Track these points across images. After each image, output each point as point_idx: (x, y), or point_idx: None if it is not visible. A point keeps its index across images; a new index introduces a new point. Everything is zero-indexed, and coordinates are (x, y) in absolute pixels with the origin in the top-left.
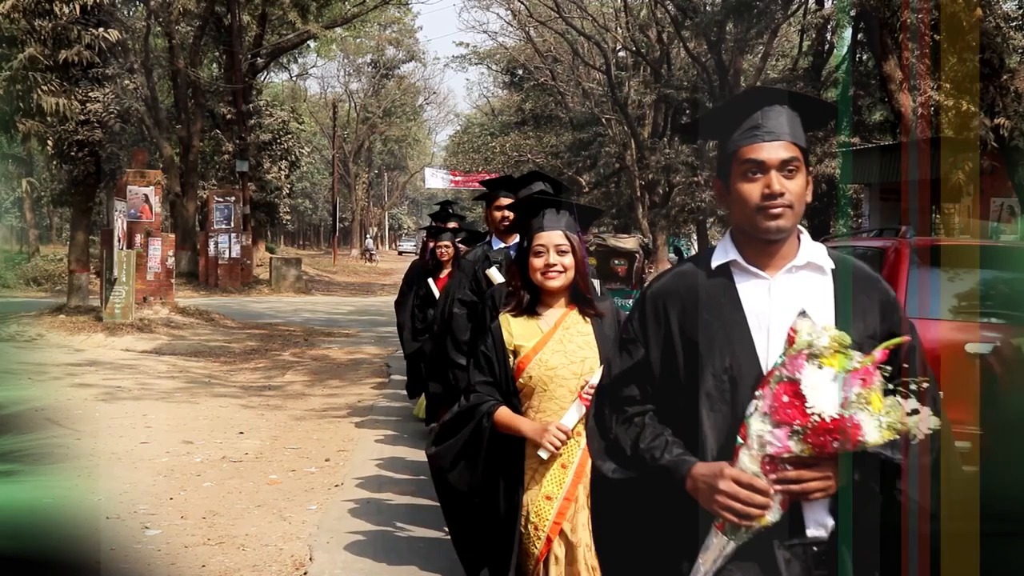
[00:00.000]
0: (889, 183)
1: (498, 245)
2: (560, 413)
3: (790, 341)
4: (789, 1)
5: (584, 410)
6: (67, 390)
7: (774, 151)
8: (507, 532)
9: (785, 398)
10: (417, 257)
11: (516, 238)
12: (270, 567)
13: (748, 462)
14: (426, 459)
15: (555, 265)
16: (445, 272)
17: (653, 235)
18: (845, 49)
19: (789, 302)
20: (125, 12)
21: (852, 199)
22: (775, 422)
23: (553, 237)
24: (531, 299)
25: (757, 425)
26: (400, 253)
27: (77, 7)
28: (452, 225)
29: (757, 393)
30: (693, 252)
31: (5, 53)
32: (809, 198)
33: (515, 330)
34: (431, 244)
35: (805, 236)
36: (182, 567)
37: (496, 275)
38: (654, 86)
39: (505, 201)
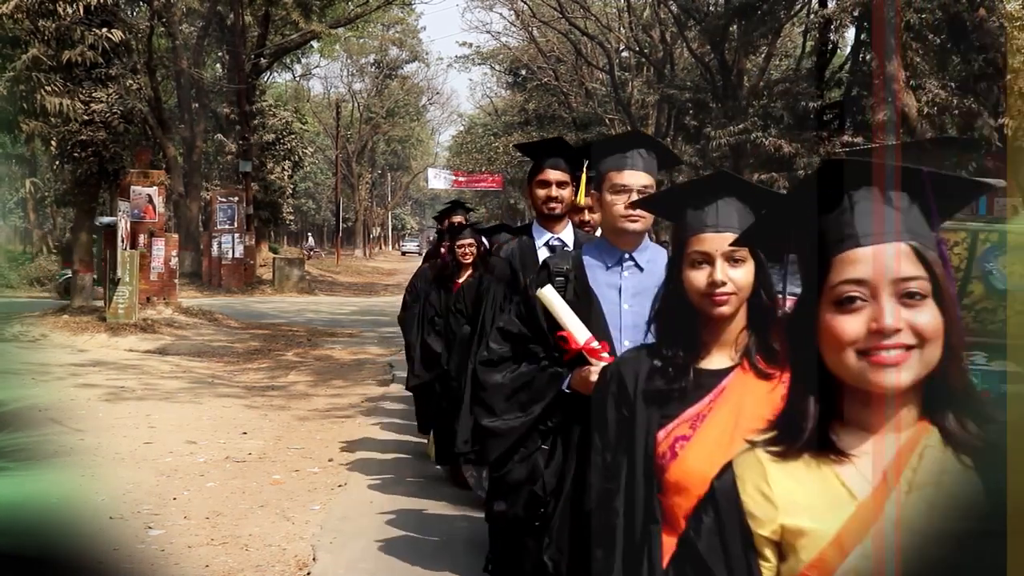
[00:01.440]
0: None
1: (543, 236)
2: None
3: None
4: (793, 1)
5: None
6: (71, 390)
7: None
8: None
9: None
10: (424, 261)
11: (567, 226)
12: (273, 567)
13: None
14: (427, 459)
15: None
16: (465, 275)
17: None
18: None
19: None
20: (128, 12)
21: None
22: None
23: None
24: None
25: None
26: (403, 253)
27: (80, 7)
28: (458, 219)
29: None
30: None
31: (9, 53)
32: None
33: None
34: (447, 243)
35: None
36: (185, 567)
37: (554, 299)
38: (657, 86)
39: (554, 176)
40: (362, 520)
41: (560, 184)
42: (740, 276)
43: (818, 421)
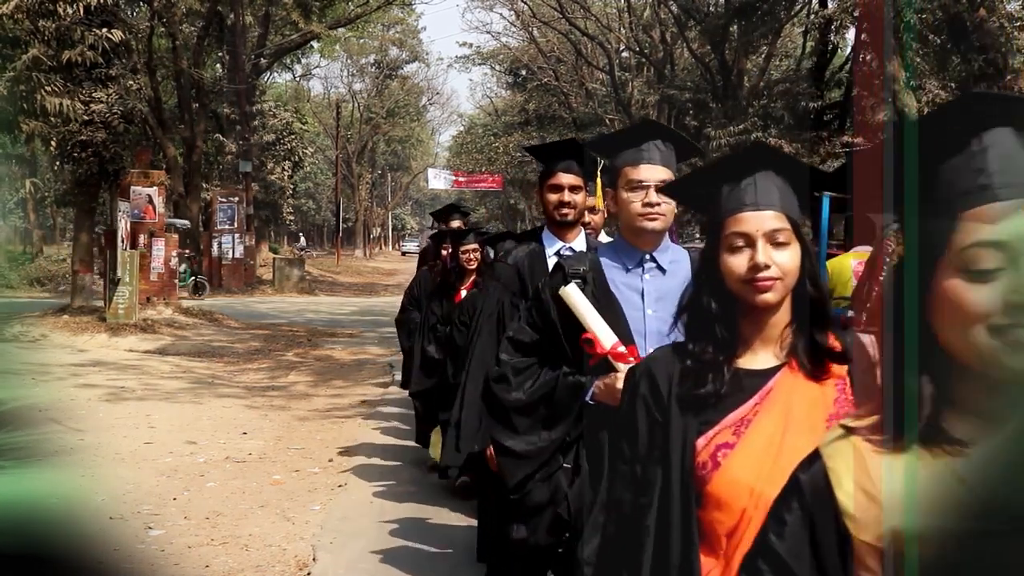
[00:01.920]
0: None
1: (554, 244)
2: None
3: None
4: (793, 1)
5: None
6: (71, 390)
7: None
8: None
9: None
10: (419, 262)
11: (579, 235)
12: (273, 567)
13: None
14: (428, 460)
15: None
16: (469, 282)
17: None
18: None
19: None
20: (128, 12)
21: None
22: None
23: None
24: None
25: None
26: (404, 254)
27: (81, 8)
28: (457, 224)
29: None
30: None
31: (9, 54)
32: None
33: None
34: (446, 247)
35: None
36: (185, 567)
37: (578, 299)
38: (657, 86)
39: (567, 180)
40: (362, 520)
41: (573, 189)
42: (785, 259)
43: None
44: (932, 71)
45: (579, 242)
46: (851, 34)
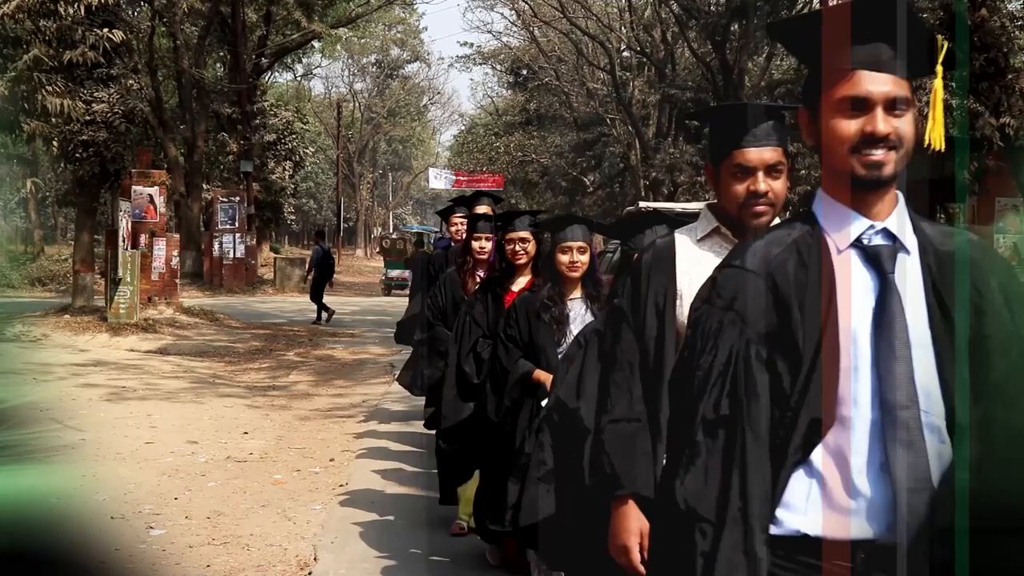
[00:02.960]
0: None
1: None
2: None
3: None
4: (794, 1)
5: None
6: (72, 390)
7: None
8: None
9: None
10: (407, 267)
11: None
12: (274, 567)
13: None
14: (429, 461)
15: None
16: (526, 281)
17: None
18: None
19: None
20: (130, 12)
21: None
22: None
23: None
24: None
25: None
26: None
27: (82, 8)
28: (484, 209)
29: None
30: None
31: (10, 54)
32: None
33: None
34: (481, 242)
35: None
36: (186, 567)
37: None
38: (658, 86)
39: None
40: (363, 520)
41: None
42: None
43: None
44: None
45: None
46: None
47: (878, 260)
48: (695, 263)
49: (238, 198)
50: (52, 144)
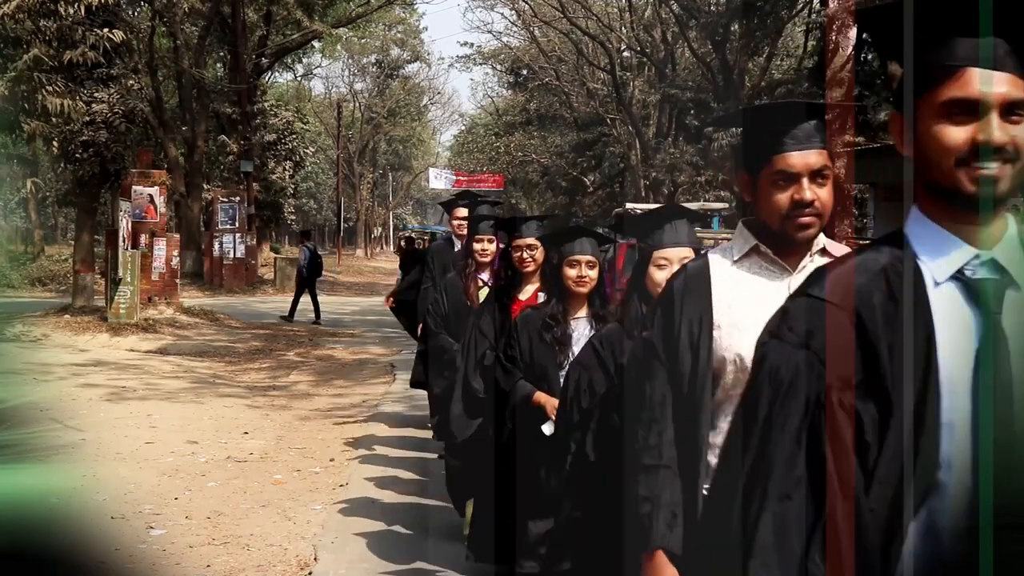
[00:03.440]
0: (893, 183)
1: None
2: None
3: None
4: (794, 1)
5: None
6: (72, 390)
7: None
8: None
9: None
10: (402, 268)
11: None
12: (275, 567)
13: None
14: (429, 460)
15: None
16: (534, 289)
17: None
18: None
19: None
20: (130, 12)
21: (856, 199)
22: None
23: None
24: None
25: None
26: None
27: (82, 8)
28: (464, 212)
29: None
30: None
31: (10, 53)
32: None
33: None
34: (483, 244)
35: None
36: (187, 567)
37: None
38: (659, 86)
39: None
40: (364, 520)
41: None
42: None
43: None
44: None
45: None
46: (852, 33)
47: (983, 297)
48: (733, 287)
49: (238, 198)
50: (52, 144)
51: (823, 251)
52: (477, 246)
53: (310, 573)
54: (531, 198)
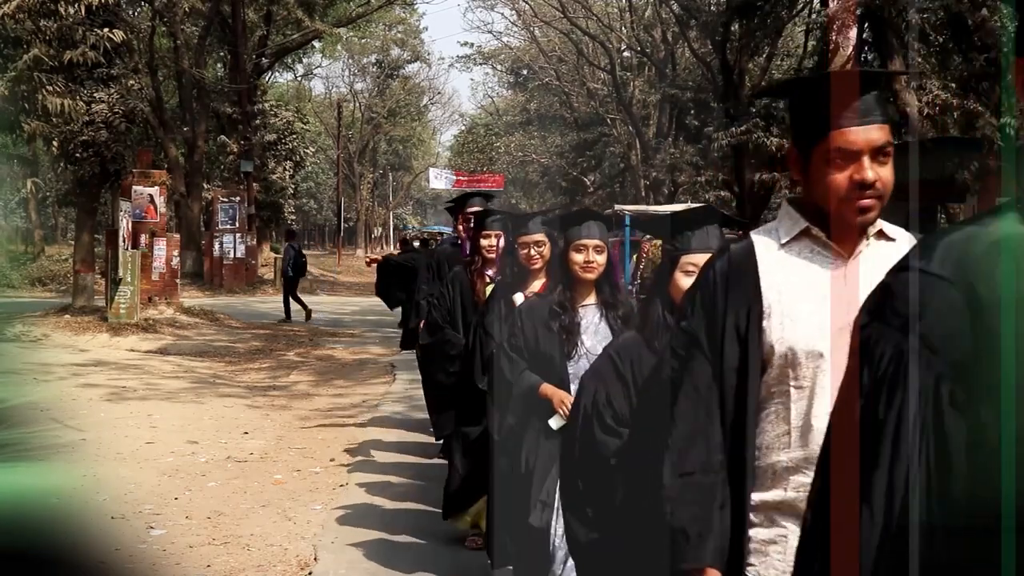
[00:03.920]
0: (894, 183)
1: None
2: None
3: None
4: (794, 1)
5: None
6: (72, 390)
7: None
8: None
9: None
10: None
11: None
12: (275, 567)
13: None
14: (430, 461)
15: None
16: (539, 286)
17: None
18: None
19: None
20: (130, 12)
21: None
22: None
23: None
24: None
25: None
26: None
27: (82, 8)
28: (478, 209)
29: None
30: None
31: (10, 53)
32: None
33: None
34: (491, 240)
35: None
36: (187, 567)
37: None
38: (659, 86)
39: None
40: (364, 520)
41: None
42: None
43: None
44: (933, 70)
45: None
46: (853, 32)
47: None
48: (782, 271)
49: (238, 198)
50: (52, 144)
51: (880, 234)
52: (484, 242)
53: (310, 573)
54: (531, 198)
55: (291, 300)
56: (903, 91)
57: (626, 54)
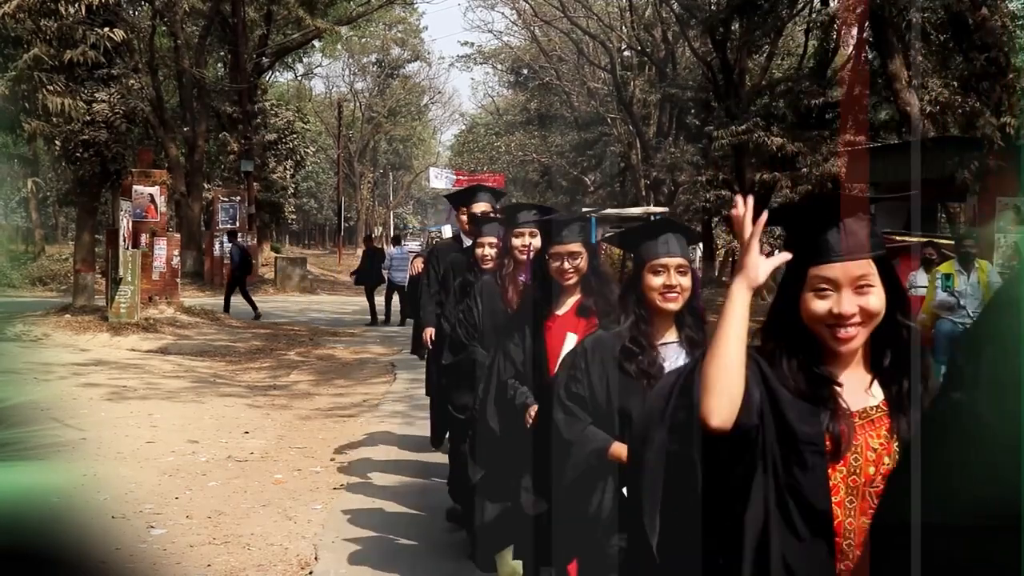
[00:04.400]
0: (895, 182)
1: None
2: None
3: None
4: (794, 1)
5: None
6: (73, 389)
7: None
8: None
9: None
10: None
11: None
12: (275, 566)
13: None
14: (430, 460)
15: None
16: (573, 302)
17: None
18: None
19: None
20: (131, 12)
21: None
22: None
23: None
24: None
25: None
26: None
27: (82, 7)
28: (483, 208)
29: None
30: (699, 253)
31: (11, 53)
32: None
33: None
34: (523, 239)
35: None
36: (187, 566)
37: None
38: (659, 85)
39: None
40: (364, 519)
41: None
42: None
43: None
44: (934, 70)
45: None
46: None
47: None
48: None
49: (239, 198)
50: (53, 144)
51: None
52: (517, 241)
53: (311, 572)
54: (531, 198)
55: (232, 295)
56: (904, 90)
57: (626, 53)
